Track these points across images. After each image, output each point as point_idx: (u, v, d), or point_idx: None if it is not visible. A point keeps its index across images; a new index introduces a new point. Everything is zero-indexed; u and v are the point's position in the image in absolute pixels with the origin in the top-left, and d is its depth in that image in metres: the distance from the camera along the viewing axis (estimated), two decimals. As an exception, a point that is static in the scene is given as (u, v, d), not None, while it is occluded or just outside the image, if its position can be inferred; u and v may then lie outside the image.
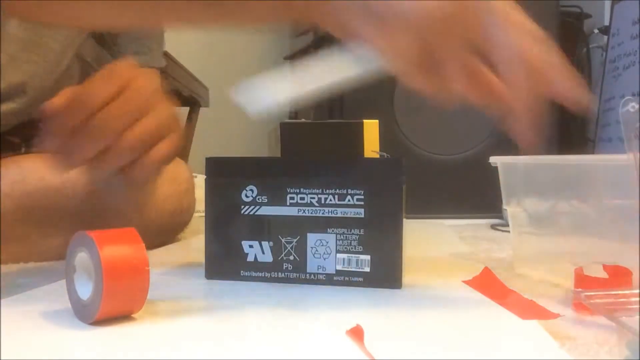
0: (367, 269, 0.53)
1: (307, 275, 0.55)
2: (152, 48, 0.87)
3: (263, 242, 0.56)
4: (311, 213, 0.54)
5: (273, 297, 0.51)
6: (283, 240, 0.55)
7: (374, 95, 1.22)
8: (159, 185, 0.78)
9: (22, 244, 0.69)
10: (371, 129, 0.60)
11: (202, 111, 1.63)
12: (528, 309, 0.45)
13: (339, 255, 0.54)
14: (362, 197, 0.53)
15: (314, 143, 0.62)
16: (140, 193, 0.76)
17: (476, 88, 0.46)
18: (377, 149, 0.60)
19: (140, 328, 0.41)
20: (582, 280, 0.51)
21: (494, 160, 0.65)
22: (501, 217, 1.08)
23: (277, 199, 0.55)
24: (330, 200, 0.54)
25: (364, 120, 0.60)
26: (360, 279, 0.54)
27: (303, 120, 0.75)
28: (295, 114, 1.78)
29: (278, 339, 0.39)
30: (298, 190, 0.55)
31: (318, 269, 0.54)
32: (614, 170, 0.55)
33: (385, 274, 0.53)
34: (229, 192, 0.56)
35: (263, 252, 0.56)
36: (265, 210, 0.55)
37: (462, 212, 1.19)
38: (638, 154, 0.41)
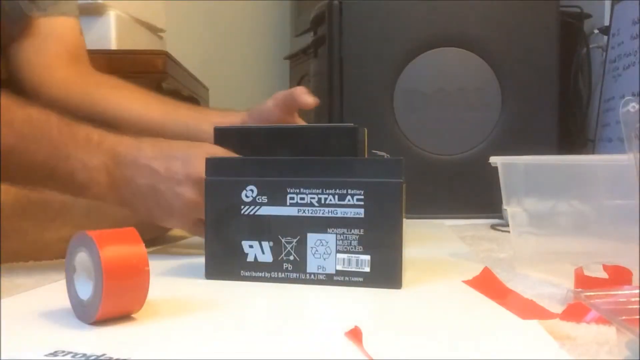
0: (367, 269, 0.53)
1: (307, 275, 0.55)
2: None
3: (263, 242, 0.56)
4: (311, 213, 0.54)
5: (273, 297, 0.51)
6: (283, 240, 0.55)
7: (374, 95, 1.22)
8: None
9: (20, 239, 0.69)
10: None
11: (202, 111, 1.63)
12: (528, 309, 0.45)
13: (339, 255, 0.54)
14: (362, 197, 0.53)
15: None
16: None
17: None
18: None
19: (140, 328, 0.41)
20: (582, 280, 0.51)
21: (494, 160, 0.65)
22: (501, 217, 1.08)
23: (277, 199, 0.55)
24: (330, 200, 0.54)
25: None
26: (360, 279, 0.53)
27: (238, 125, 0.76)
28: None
29: (278, 339, 0.39)
30: (298, 190, 0.55)
31: (318, 269, 0.54)
32: (614, 170, 0.55)
33: (385, 274, 0.53)
34: (229, 192, 0.56)
35: (263, 252, 0.55)
36: (265, 210, 0.55)
37: (462, 212, 1.19)
38: (638, 154, 0.41)
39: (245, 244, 0.56)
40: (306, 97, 0.78)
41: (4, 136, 0.58)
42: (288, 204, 0.55)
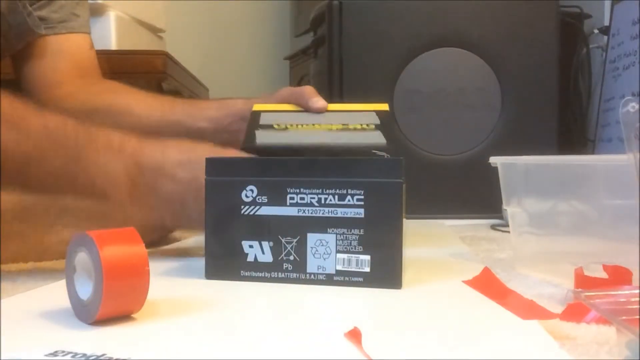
0: (367, 269, 0.53)
1: (307, 275, 0.55)
2: (78, 14, 0.89)
3: (263, 242, 0.56)
4: (311, 213, 0.54)
5: (273, 297, 0.51)
6: (283, 240, 0.55)
7: (373, 95, 1.22)
8: None
9: (21, 241, 0.69)
10: None
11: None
12: (528, 309, 0.45)
13: (339, 255, 0.54)
14: (362, 197, 0.53)
15: None
16: None
17: None
18: None
19: (140, 328, 0.41)
20: (582, 280, 0.51)
21: (494, 160, 0.65)
22: (501, 217, 1.08)
23: (277, 199, 0.55)
24: (330, 200, 0.54)
25: None
26: (360, 279, 0.53)
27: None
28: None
29: (278, 339, 0.39)
30: (298, 190, 0.55)
31: (318, 269, 0.54)
32: (614, 170, 0.55)
33: (385, 274, 0.53)
34: (229, 192, 0.56)
35: (263, 252, 0.55)
36: (265, 210, 0.55)
37: (462, 212, 1.19)
38: (638, 154, 0.41)
39: (245, 244, 0.56)
40: (317, 101, 0.75)
41: (21, 146, 0.57)
42: (288, 204, 0.55)
